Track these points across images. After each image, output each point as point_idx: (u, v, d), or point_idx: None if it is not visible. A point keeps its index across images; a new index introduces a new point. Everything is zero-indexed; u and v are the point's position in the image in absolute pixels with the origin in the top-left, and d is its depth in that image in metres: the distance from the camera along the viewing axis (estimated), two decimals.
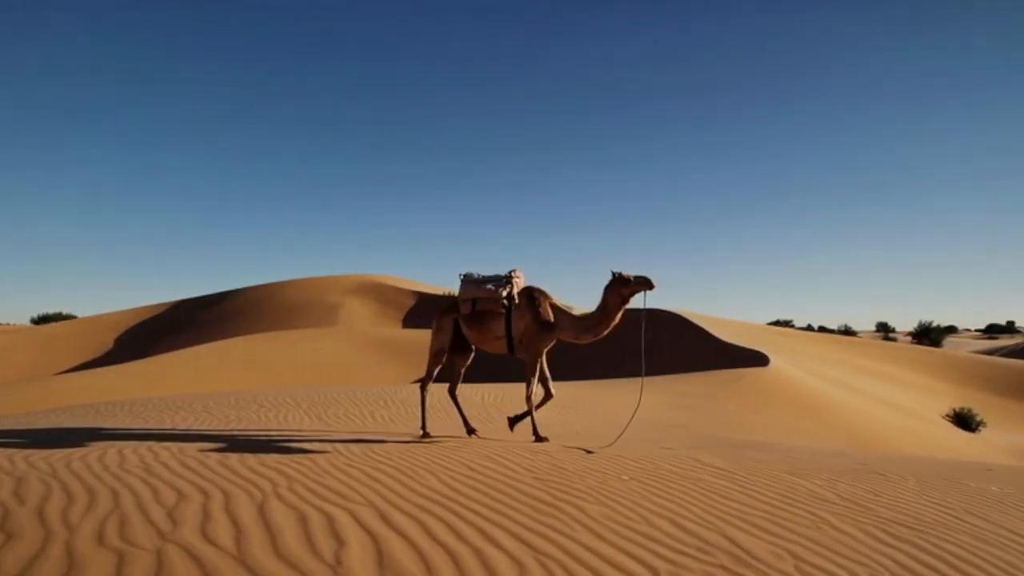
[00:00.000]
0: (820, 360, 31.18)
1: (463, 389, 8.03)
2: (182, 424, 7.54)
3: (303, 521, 3.48)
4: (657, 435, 9.65)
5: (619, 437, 6.95)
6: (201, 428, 7.13)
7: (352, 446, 5.57)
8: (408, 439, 6.27)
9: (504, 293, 6.47)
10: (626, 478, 4.79)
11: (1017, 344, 62.70)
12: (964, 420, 25.72)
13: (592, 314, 6.40)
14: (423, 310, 51.54)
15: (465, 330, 6.65)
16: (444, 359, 6.74)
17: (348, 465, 4.73)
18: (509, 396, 12.43)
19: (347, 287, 58.10)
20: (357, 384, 18.62)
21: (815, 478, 5.22)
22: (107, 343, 51.47)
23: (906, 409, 24.50)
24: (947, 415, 26.16)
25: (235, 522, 3.43)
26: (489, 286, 6.51)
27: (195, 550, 3.07)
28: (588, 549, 3.34)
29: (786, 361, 23.01)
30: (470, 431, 6.72)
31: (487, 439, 6.50)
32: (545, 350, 6.46)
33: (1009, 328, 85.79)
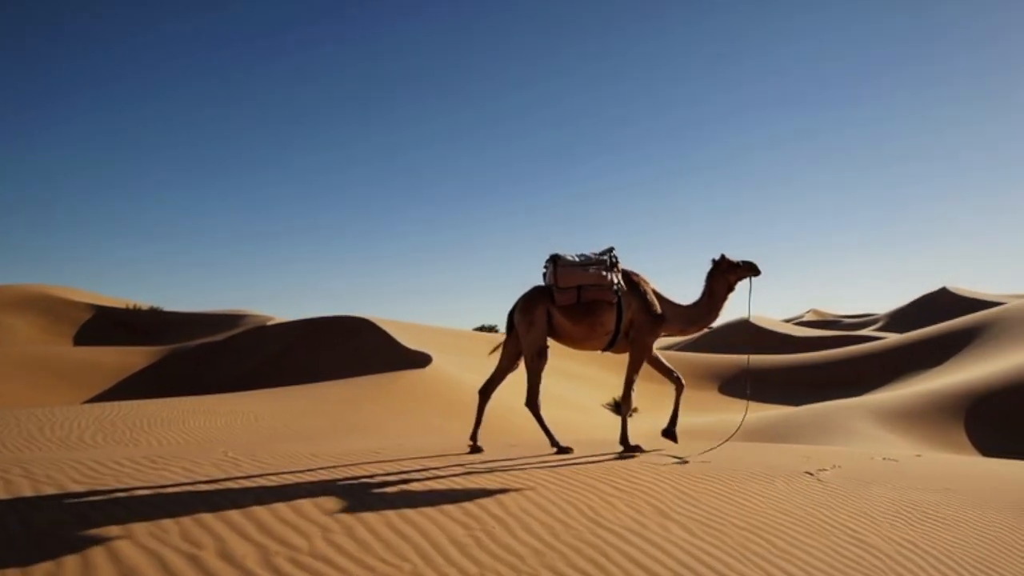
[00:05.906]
0: None
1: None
2: None
3: None
4: (271, 441, 9.55)
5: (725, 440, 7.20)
6: None
7: None
8: None
9: (615, 279, 5.64)
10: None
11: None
12: (619, 407, 29.92)
13: (699, 303, 5.97)
14: (100, 325, 44.83)
15: (566, 325, 5.68)
16: (546, 359, 5.81)
17: None
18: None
19: (2, 301, 47.38)
20: None
21: (358, 464, 5.42)
22: None
23: (571, 402, 27.69)
24: (606, 404, 30.20)
25: None
26: (595, 269, 5.56)
27: None
28: None
29: (457, 362, 24.45)
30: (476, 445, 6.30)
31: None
32: (653, 345, 5.90)
33: None
